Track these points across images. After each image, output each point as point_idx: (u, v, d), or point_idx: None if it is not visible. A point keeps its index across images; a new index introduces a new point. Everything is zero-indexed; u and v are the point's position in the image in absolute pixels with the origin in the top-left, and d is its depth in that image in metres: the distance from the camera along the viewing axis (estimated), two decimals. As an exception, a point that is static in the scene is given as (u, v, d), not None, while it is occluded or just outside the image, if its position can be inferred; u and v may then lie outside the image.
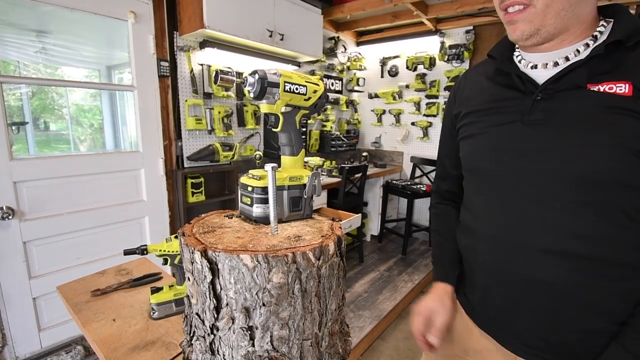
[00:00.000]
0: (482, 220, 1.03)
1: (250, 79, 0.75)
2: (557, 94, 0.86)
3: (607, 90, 0.79)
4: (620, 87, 0.78)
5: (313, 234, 0.73)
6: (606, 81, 0.80)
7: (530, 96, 0.90)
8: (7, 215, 2.42)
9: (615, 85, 0.79)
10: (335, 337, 0.76)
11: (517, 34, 0.88)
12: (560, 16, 0.82)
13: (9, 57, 3.36)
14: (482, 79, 1.07)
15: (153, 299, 1.41)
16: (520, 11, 0.84)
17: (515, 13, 0.85)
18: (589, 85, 0.82)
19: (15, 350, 2.62)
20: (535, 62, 0.92)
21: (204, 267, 0.63)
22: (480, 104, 1.03)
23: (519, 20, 0.85)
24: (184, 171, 3.37)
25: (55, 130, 4.18)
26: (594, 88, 0.81)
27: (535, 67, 0.92)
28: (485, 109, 1.01)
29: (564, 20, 0.83)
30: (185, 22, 3.16)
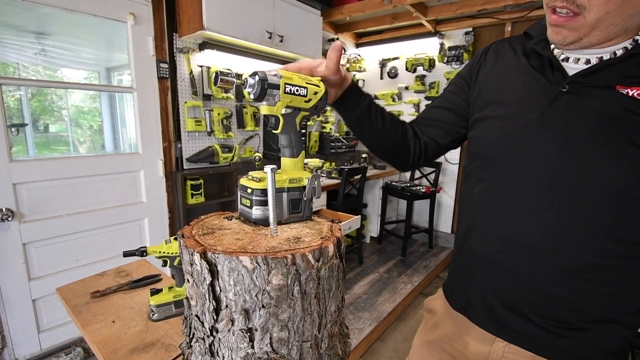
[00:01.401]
0: (480, 209, 1.02)
1: (250, 80, 0.75)
2: (584, 89, 0.83)
3: (636, 95, 0.77)
4: None
5: (312, 236, 0.73)
6: (637, 86, 0.77)
7: (557, 87, 0.87)
8: (6, 217, 2.42)
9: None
10: (335, 339, 0.76)
11: (558, 38, 0.84)
12: (609, 30, 0.78)
13: (8, 58, 3.36)
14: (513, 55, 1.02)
15: (152, 301, 1.41)
16: (569, 18, 0.79)
17: (563, 19, 0.80)
18: (618, 86, 0.79)
19: (14, 352, 2.62)
20: (568, 55, 0.89)
21: (204, 269, 0.63)
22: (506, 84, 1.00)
23: (564, 26, 0.81)
24: (184, 173, 3.37)
25: (54, 131, 4.18)
26: (622, 90, 0.78)
27: (567, 59, 0.89)
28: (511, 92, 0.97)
29: (611, 34, 0.79)
30: (184, 24, 3.17)
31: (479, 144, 1.04)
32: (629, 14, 0.76)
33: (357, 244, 4.61)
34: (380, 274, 4.38)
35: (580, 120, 0.82)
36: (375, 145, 1.17)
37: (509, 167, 0.93)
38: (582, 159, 0.81)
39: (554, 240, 0.86)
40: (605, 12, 0.74)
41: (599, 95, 0.81)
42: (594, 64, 0.83)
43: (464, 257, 1.10)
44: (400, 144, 1.13)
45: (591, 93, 0.82)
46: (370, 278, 4.25)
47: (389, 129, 1.11)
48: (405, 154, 1.16)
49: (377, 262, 4.75)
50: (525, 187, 0.89)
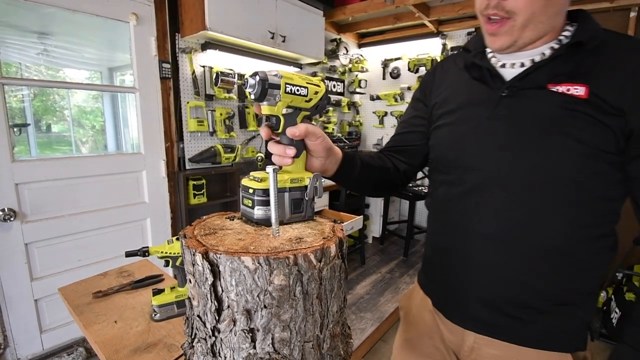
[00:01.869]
0: (443, 208, 1.10)
1: (251, 80, 0.75)
2: (520, 91, 0.92)
3: (565, 91, 0.85)
4: (576, 89, 0.84)
5: (315, 236, 0.73)
6: (565, 82, 0.86)
7: (497, 92, 0.95)
8: (8, 216, 2.42)
9: (572, 87, 0.85)
10: (337, 339, 0.76)
11: (497, 45, 0.93)
12: (538, 28, 0.88)
13: (10, 58, 3.37)
14: (457, 69, 1.12)
15: (155, 301, 1.41)
16: (502, 24, 0.88)
17: (497, 26, 0.89)
18: (549, 85, 0.88)
19: (16, 352, 2.62)
20: (504, 62, 0.97)
21: (205, 269, 0.63)
22: (453, 95, 1.08)
23: (499, 33, 0.90)
24: (186, 173, 3.37)
25: (56, 132, 4.19)
26: (553, 88, 0.87)
27: (504, 65, 0.98)
28: (459, 101, 1.05)
29: (540, 31, 0.88)
30: (187, 24, 3.17)
31: (435, 150, 1.14)
32: (552, 12, 0.86)
33: (360, 244, 4.61)
34: (383, 274, 4.38)
35: (521, 120, 0.90)
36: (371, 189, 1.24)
37: (465, 167, 1.01)
38: (528, 154, 0.89)
39: (515, 229, 0.92)
40: (532, 13, 0.84)
41: (534, 96, 0.90)
42: (527, 67, 0.92)
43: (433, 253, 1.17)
44: (389, 178, 1.20)
45: (527, 94, 0.91)
46: (372, 278, 4.24)
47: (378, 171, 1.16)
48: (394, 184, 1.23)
49: (379, 263, 4.74)
50: (484, 183, 0.96)
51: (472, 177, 0.99)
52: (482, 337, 1.02)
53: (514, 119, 0.91)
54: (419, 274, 1.29)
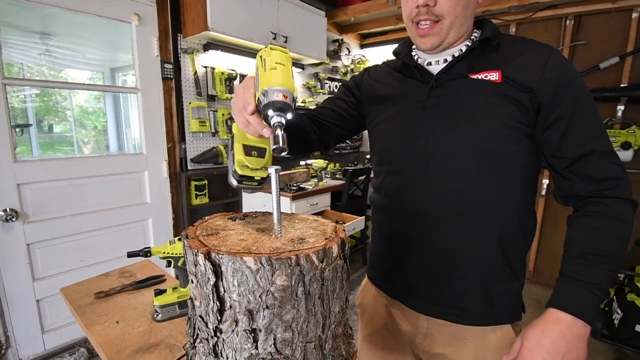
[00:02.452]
0: (393, 197, 1.17)
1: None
2: (447, 82, 1.06)
3: (483, 78, 1.01)
4: (492, 75, 1.00)
5: (317, 237, 0.73)
6: (482, 71, 1.02)
7: (428, 85, 1.08)
8: (10, 217, 2.42)
9: (489, 74, 1.01)
10: (339, 340, 0.76)
11: (427, 46, 1.05)
12: (459, 29, 1.03)
13: (12, 59, 3.38)
14: (390, 70, 1.25)
15: (156, 301, 1.41)
16: (432, 27, 1.02)
17: (427, 29, 1.02)
18: (470, 74, 1.03)
19: (18, 352, 2.63)
20: (430, 60, 1.11)
21: (208, 270, 0.63)
22: (388, 93, 1.20)
23: (429, 35, 1.03)
24: (188, 173, 3.37)
25: (58, 132, 4.19)
26: (473, 76, 1.03)
27: (429, 63, 1.11)
28: (393, 97, 1.18)
29: (459, 32, 1.04)
30: (189, 25, 3.17)
31: (377, 144, 1.24)
32: (468, 15, 1.03)
33: (361, 244, 4.60)
34: (384, 275, 4.36)
35: (450, 105, 1.04)
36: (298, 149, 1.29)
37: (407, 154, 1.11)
38: (459, 133, 1.01)
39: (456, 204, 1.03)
40: (455, 16, 0.99)
41: (458, 84, 1.05)
42: (449, 61, 1.07)
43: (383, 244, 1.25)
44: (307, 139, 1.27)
45: (453, 84, 1.05)
46: (373, 279, 4.23)
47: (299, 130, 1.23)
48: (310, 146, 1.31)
49: (380, 263, 4.72)
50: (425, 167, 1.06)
51: (414, 163, 1.09)
52: (434, 323, 1.11)
53: (444, 105, 1.05)
54: (368, 270, 1.37)
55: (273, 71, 0.77)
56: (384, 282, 1.26)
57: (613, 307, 3.18)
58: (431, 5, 0.98)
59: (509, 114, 0.97)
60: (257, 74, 0.81)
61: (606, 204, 0.93)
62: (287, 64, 0.79)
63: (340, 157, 5.39)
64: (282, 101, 0.74)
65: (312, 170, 4.31)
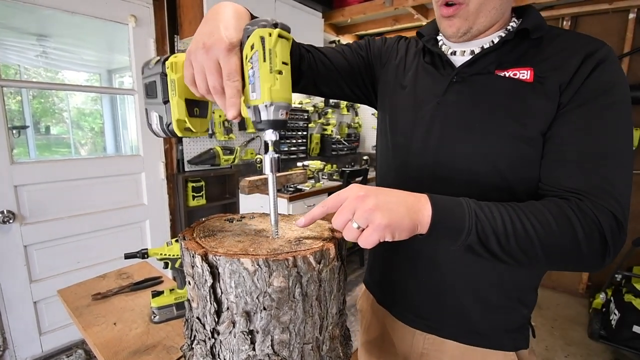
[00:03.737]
0: None
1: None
2: (470, 77, 0.93)
3: (512, 76, 0.87)
4: (523, 74, 0.85)
5: (314, 238, 0.73)
6: (512, 67, 0.87)
7: (447, 78, 0.95)
8: (7, 219, 2.42)
9: (519, 72, 0.86)
10: (336, 341, 0.76)
11: (452, 30, 0.92)
12: (491, 14, 0.88)
13: (9, 61, 3.37)
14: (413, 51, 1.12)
15: (154, 303, 1.41)
16: (456, 8, 0.88)
17: (453, 9, 0.88)
18: (496, 70, 0.89)
19: (16, 354, 2.62)
20: (455, 49, 0.99)
21: (205, 271, 0.63)
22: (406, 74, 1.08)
23: (456, 16, 0.89)
24: (185, 175, 3.37)
25: (55, 134, 4.19)
26: (501, 73, 0.88)
27: (454, 53, 0.99)
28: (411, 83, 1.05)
29: (492, 18, 0.89)
30: (186, 26, 3.17)
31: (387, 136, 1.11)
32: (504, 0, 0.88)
33: (359, 246, 4.59)
34: (382, 276, 4.37)
35: (467, 106, 0.91)
36: None
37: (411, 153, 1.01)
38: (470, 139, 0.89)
39: None
40: None
41: (481, 81, 0.91)
42: (476, 53, 0.93)
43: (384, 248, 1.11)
44: None
45: (475, 80, 0.92)
46: (371, 280, 4.23)
47: None
48: None
49: (378, 264, 4.73)
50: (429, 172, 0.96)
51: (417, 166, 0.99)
52: (431, 338, 1.02)
53: (460, 106, 0.92)
54: (365, 274, 1.30)
55: (278, 77, 0.67)
56: (377, 288, 1.19)
57: (610, 308, 3.19)
58: None
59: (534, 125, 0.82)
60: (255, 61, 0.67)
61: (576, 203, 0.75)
62: (289, 61, 0.71)
63: (337, 158, 5.39)
64: (283, 120, 0.70)
65: (309, 171, 4.31)
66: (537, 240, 0.71)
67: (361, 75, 1.17)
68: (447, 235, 0.72)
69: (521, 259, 0.74)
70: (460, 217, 0.71)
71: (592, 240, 0.72)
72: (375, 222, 0.65)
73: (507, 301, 0.95)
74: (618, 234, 0.73)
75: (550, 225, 0.72)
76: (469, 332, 0.97)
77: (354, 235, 0.67)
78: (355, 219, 0.66)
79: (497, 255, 0.73)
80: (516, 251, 0.72)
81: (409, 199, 0.71)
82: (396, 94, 1.09)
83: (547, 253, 0.73)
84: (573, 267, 0.77)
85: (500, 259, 0.74)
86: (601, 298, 3.37)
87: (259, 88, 0.67)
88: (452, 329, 0.99)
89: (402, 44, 1.17)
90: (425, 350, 1.03)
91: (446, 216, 0.71)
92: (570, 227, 0.72)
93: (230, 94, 0.69)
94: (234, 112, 0.70)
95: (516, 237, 0.71)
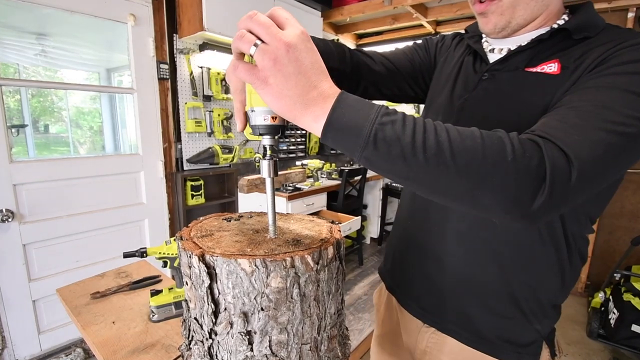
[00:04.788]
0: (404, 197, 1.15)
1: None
2: (499, 74, 0.90)
3: (540, 70, 0.82)
4: (550, 67, 0.81)
5: (312, 238, 0.73)
6: (541, 62, 0.83)
7: (479, 75, 0.94)
8: (6, 217, 2.42)
9: (546, 65, 0.81)
10: (335, 341, 0.76)
11: (489, 27, 0.89)
12: (530, 7, 0.84)
13: (8, 59, 3.37)
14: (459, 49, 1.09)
15: (153, 302, 1.41)
16: (489, 3, 0.85)
17: (485, 5, 0.86)
18: (526, 67, 0.85)
19: (15, 353, 2.62)
20: (494, 46, 0.96)
21: (202, 272, 0.62)
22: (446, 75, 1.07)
23: (489, 12, 0.86)
24: (184, 174, 3.37)
25: (54, 132, 4.19)
26: (530, 69, 0.84)
27: (492, 50, 0.96)
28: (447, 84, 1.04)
29: (533, 11, 0.84)
30: (185, 25, 3.17)
31: None
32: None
33: (358, 245, 4.60)
34: (381, 274, 4.37)
35: (491, 101, 0.89)
36: None
37: None
38: None
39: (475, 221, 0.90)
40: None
41: (509, 78, 0.88)
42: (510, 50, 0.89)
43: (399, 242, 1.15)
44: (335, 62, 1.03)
45: (504, 77, 0.89)
46: (370, 279, 4.24)
47: None
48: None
49: (377, 263, 4.74)
50: None
51: None
52: (435, 337, 1.01)
53: (485, 102, 0.90)
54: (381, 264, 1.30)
55: None
56: (387, 275, 1.21)
57: (609, 307, 3.19)
58: None
59: None
60: None
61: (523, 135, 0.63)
62: None
63: (336, 157, 5.39)
64: (266, 126, 0.68)
65: (308, 170, 4.31)
66: (448, 143, 0.58)
67: (422, 74, 1.16)
68: (346, 131, 0.58)
69: (428, 169, 0.58)
70: (365, 113, 0.58)
71: (525, 164, 0.57)
72: (264, 69, 0.58)
73: (515, 312, 0.91)
74: (564, 177, 0.58)
75: (473, 134, 0.60)
76: (471, 334, 0.95)
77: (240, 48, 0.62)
78: (258, 48, 0.59)
79: (401, 161, 0.58)
80: (420, 153, 0.57)
81: (321, 83, 0.59)
82: (437, 90, 1.08)
83: (462, 162, 0.57)
84: (491, 195, 0.59)
85: (404, 169, 0.59)
86: (600, 297, 3.37)
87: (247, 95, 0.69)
88: (453, 327, 0.97)
89: (455, 41, 1.15)
90: (428, 348, 1.03)
91: (349, 109, 0.58)
92: (499, 142, 0.59)
93: (235, 107, 0.71)
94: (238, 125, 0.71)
95: (426, 136, 0.57)
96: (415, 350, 1.08)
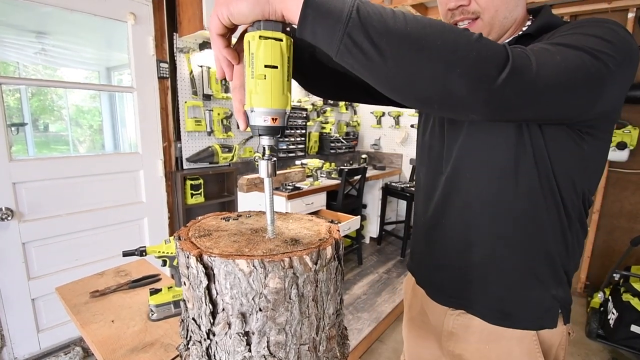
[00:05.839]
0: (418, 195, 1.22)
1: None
2: None
3: None
4: None
5: (310, 238, 0.73)
6: None
7: None
8: (6, 216, 2.42)
9: None
10: (333, 341, 0.76)
11: None
12: (503, 23, 0.92)
13: (8, 58, 3.37)
14: None
15: (152, 301, 1.41)
16: (470, 25, 0.92)
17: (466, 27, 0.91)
18: None
19: (14, 352, 2.62)
20: None
21: (200, 272, 0.62)
22: None
23: None
24: (183, 173, 3.37)
25: (54, 131, 4.19)
26: None
27: None
28: None
29: (505, 25, 0.93)
30: (184, 24, 3.16)
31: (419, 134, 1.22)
32: (512, 6, 0.91)
33: (357, 244, 4.60)
34: (380, 274, 4.38)
35: None
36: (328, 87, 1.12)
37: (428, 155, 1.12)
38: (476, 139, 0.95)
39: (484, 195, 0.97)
40: (495, 10, 0.89)
41: None
42: None
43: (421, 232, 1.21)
44: None
45: None
46: (369, 278, 4.24)
47: None
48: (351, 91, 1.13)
49: (376, 263, 4.74)
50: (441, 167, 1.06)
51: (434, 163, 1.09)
52: (461, 319, 1.08)
53: None
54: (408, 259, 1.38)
55: (260, 83, 0.65)
56: (416, 271, 1.26)
57: (608, 307, 3.19)
58: (465, 4, 0.90)
59: None
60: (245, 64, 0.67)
61: None
62: (281, 64, 0.66)
63: (335, 157, 5.39)
64: (266, 127, 0.68)
65: (307, 169, 4.31)
66: (428, 20, 0.62)
67: None
68: (323, 22, 0.59)
69: (410, 39, 0.60)
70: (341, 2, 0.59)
71: (489, 43, 0.63)
72: None
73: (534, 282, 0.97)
74: (526, 61, 0.64)
75: (444, 24, 0.63)
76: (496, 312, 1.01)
77: None
78: None
79: (377, 42, 0.59)
80: (402, 23, 0.60)
81: None
82: None
83: (437, 39, 0.60)
84: (459, 73, 0.61)
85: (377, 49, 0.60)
86: (599, 297, 3.38)
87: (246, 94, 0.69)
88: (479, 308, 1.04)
89: None
90: (455, 329, 1.10)
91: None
92: (464, 30, 0.63)
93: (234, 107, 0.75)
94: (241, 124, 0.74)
95: (404, 14, 0.61)
96: (441, 331, 1.14)
